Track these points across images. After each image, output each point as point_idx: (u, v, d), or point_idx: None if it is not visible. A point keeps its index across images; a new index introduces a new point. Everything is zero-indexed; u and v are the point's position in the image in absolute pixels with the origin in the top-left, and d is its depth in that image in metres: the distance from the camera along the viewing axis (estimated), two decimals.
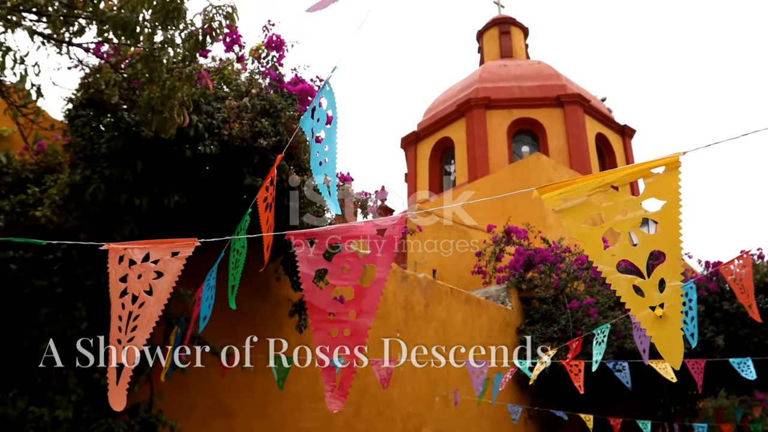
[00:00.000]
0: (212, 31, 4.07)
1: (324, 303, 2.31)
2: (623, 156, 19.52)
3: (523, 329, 11.27)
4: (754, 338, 10.56)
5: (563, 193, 2.05)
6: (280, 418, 6.93)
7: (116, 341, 2.48)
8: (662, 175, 1.99)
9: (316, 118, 2.78)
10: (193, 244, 2.52)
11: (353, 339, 2.24)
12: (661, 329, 1.88)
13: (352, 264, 2.34)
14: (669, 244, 1.95)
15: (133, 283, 2.48)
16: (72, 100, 4.93)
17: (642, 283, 1.97)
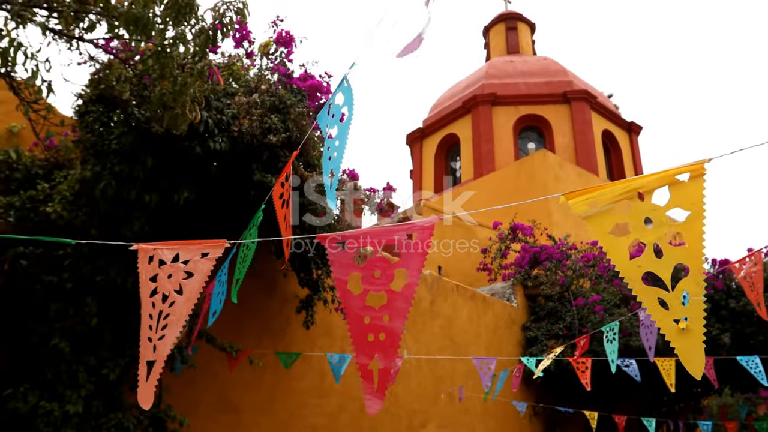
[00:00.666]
0: (223, 26, 4.06)
1: (359, 308, 2.33)
2: (630, 153, 19.47)
3: (529, 326, 11.27)
4: (760, 336, 10.53)
5: (589, 199, 2.06)
6: (286, 414, 6.95)
7: (147, 339, 2.54)
8: (687, 184, 2.00)
9: (331, 114, 2.79)
10: (222, 245, 2.55)
11: (388, 343, 2.28)
12: (684, 341, 1.93)
13: (383, 269, 2.36)
14: (692, 258, 1.98)
15: (164, 283, 2.53)
16: (82, 96, 4.93)
17: (666, 296, 2.00)
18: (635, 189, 2.07)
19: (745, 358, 7.00)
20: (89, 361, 4.98)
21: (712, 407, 14.63)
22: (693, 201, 1.98)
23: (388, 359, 2.26)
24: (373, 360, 2.27)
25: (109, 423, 4.95)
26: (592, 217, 2.06)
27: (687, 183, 2.01)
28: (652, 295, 2.02)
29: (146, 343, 2.50)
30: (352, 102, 2.68)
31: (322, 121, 2.83)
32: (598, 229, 2.07)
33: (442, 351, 9.27)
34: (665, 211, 2.05)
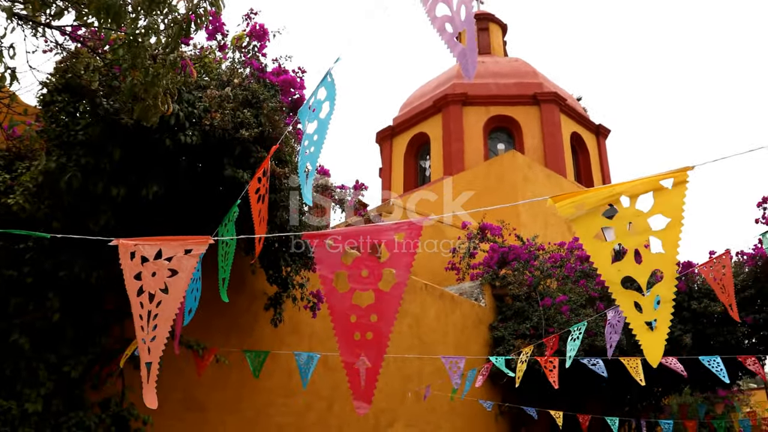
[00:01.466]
0: (197, 17, 3.97)
1: (345, 307, 2.30)
2: (597, 156, 19.76)
3: (496, 326, 11.35)
4: (720, 337, 10.79)
5: (575, 202, 2.11)
6: (253, 412, 6.86)
7: (141, 341, 2.50)
8: (670, 190, 2.11)
9: (312, 108, 2.74)
10: (206, 241, 2.49)
11: (375, 342, 2.25)
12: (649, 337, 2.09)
13: (371, 268, 2.33)
14: (667, 264, 2.12)
15: (148, 281, 2.48)
16: (47, 85, 4.77)
17: (641, 299, 2.13)
18: (620, 193, 2.14)
19: (707, 357, 7.15)
20: (50, 359, 4.83)
21: (672, 406, 14.94)
22: (674, 208, 2.09)
23: (376, 358, 2.23)
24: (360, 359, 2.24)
25: (69, 422, 4.81)
26: (578, 220, 2.12)
27: (670, 189, 2.10)
28: (629, 298, 2.14)
29: (142, 345, 2.48)
30: (334, 97, 2.63)
31: (303, 116, 2.77)
32: (584, 233, 2.14)
33: (410, 350, 9.27)
34: (647, 218, 2.15)
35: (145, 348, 2.44)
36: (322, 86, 2.67)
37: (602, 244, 2.16)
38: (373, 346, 2.25)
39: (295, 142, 5.96)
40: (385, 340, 2.25)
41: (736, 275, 11.06)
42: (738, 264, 11.40)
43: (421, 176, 19.63)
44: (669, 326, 5.58)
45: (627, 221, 2.15)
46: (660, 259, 2.11)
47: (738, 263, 11.41)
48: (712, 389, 13.48)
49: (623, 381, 9.76)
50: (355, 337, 2.26)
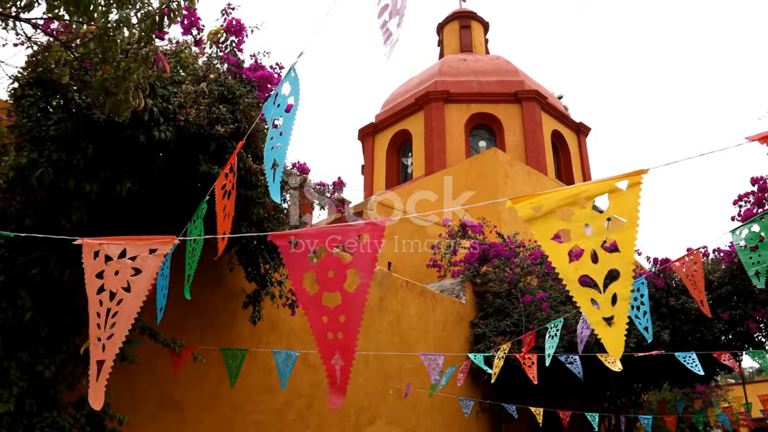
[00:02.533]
0: (170, 12, 3.91)
1: (316, 307, 2.30)
2: (578, 153, 19.88)
3: (477, 323, 11.38)
4: (697, 333, 10.92)
5: (534, 203, 2.14)
6: (230, 410, 6.81)
7: (96, 338, 2.46)
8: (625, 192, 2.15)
9: (276, 104, 2.72)
10: (171, 241, 2.46)
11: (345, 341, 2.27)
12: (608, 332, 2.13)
13: (336, 269, 2.34)
14: (624, 263, 2.15)
15: (111, 280, 2.45)
16: (18, 79, 4.69)
17: (598, 296, 2.18)
18: (578, 195, 2.17)
19: (682, 354, 7.22)
20: (22, 358, 4.75)
21: (651, 402, 15.10)
22: (629, 209, 2.13)
23: (347, 357, 2.26)
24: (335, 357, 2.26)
25: (43, 422, 4.73)
26: (536, 221, 2.16)
27: (625, 191, 2.17)
28: (586, 295, 2.19)
29: (95, 342, 2.43)
30: (299, 92, 2.62)
31: (268, 111, 2.75)
32: (542, 234, 2.21)
33: (391, 347, 9.26)
34: (604, 219, 2.20)
35: (100, 345, 2.40)
36: (287, 81, 2.65)
37: (559, 246, 2.20)
38: (344, 344, 2.27)
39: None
40: (354, 340, 2.28)
41: (713, 272, 11.20)
42: (715, 261, 11.54)
43: (403, 173, 19.63)
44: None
45: (583, 222, 2.19)
46: (616, 258, 2.15)
47: (715, 260, 11.55)
48: (691, 385, 13.66)
49: (602, 377, 9.85)
50: (329, 336, 2.29)
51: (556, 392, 11.02)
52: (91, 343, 2.44)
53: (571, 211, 2.20)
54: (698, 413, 13.08)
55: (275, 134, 2.71)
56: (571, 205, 2.20)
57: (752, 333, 10.97)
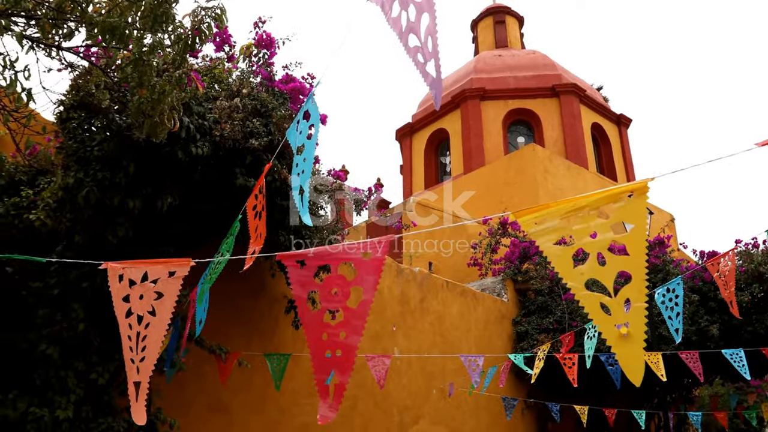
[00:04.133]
0: (201, 33, 4.08)
1: (318, 324, 2.39)
2: (619, 146, 19.55)
3: (519, 321, 11.34)
4: (749, 327, 10.61)
5: (537, 217, 2.12)
6: (277, 413, 6.99)
7: (130, 361, 2.61)
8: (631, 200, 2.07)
9: (299, 131, 2.83)
10: (188, 264, 2.60)
11: (344, 359, 2.34)
12: (624, 348, 1.98)
13: (340, 286, 2.42)
14: (635, 266, 2.04)
15: (136, 304, 2.61)
16: (63, 103, 4.94)
17: (609, 301, 2.05)
18: (582, 207, 2.13)
19: (729, 351, 7.07)
20: (78, 366, 4.99)
21: (703, 397, 14.74)
22: (636, 216, 2.06)
23: (343, 375, 2.33)
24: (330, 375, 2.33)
25: (99, 428, 4.97)
26: (540, 233, 2.12)
27: (631, 200, 2.08)
28: (595, 300, 2.07)
29: (130, 365, 2.59)
30: (318, 118, 2.72)
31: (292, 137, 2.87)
32: (544, 243, 2.12)
33: (433, 347, 9.33)
34: (609, 225, 2.12)
35: (134, 368, 2.55)
36: (306, 108, 2.76)
37: (562, 249, 2.14)
38: (342, 362, 2.34)
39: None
40: (352, 357, 2.34)
41: (764, 263, 10.86)
42: (766, 252, 11.20)
43: (441, 172, 19.63)
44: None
45: (589, 230, 2.12)
46: (626, 262, 2.06)
47: (766, 251, 11.21)
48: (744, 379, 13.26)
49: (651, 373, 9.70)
50: (327, 354, 2.36)
51: (602, 390, 10.88)
52: (126, 366, 2.59)
53: (575, 222, 2.15)
54: (751, 408, 12.72)
55: (299, 160, 2.83)
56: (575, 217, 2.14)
57: None
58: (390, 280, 8.89)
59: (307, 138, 2.75)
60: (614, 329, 2.02)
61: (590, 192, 2.17)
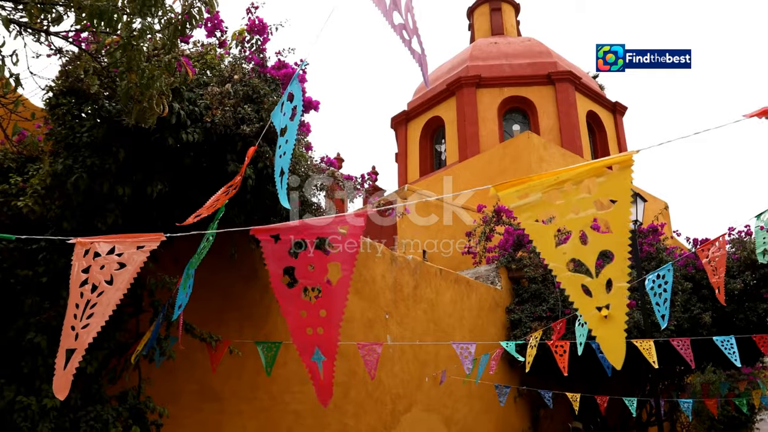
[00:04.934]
0: (191, 17, 4.01)
1: (295, 302, 2.33)
2: (614, 133, 19.52)
3: (513, 309, 11.36)
4: (740, 314, 10.67)
5: (519, 191, 2.06)
6: (269, 401, 6.99)
7: (70, 328, 2.52)
8: (615, 174, 1.99)
9: (283, 112, 2.80)
10: (158, 238, 2.54)
11: (327, 337, 2.27)
12: (605, 329, 1.92)
13: (317, 262, 2.37)
14: (618, 245, 1.96)
15: (95, 274, 2.51)
16: (52, 89, 4.87)
17: (590, 282, 1.98)
18: (564, 180, 2.06)
19: (720, 338, 7.10)
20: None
21: (695, 384, 14.84)
22: (620, 191, 1.97)
23: (329, 352, 2.27)
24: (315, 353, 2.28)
25: (87, 416, 4.94)
26: (522, 208, 2.06)
27: (615, 173, 2.00)
28: (576, 281, 2.00)
29: (69, 331, 2.48)
30: (301, 100, 2.69)
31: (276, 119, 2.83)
32: (526, 219, 2.06)
33: (426, 335, 9.33)
34: (592, 200, 2.04)
35: (73, 334, 2.44)
36: (291, 90, 2.72)
37: (544, 227, 2.07)
38: (325, 339, 2.28)
39: (300, 134, 6.01)
40: (336, 334, 2.28)
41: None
42: None
43: (437, 160, 19.59)
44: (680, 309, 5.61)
45: (572, 206, 2.05)
46: (609, 240, 1.98)
47: None
48: (736, 367, 13.35)
49: (642, 360, 9.75)
50: (308, 332, 2.30)
51: (597, 375, 10.92)
52: (63, 332, 2.49)
53: (557, 196, 2.07)
54: (742, 396, 12.81)
55: (282, 142, 2.79)
56: (558, 190, 2.06)
57: None
58: (383, 268, 8.87)
59: (290, 119, 2.72)
60: (595, 311, 1.94)
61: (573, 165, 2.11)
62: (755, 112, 2.02)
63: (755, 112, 2.02)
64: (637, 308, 9.55)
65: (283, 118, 2.78)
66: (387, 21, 1.88)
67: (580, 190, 2.07)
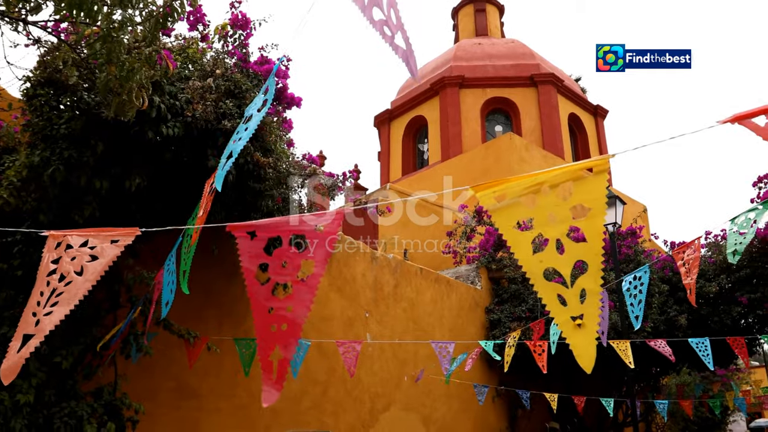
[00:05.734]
0: (173, 10, 3.97)
1: (265, 298, 2.32)
2: (595, 136, 19.68)
3: (492, 309, 11.40)
4: (715, 317, 10.81)
5: (497, 192, 2.06)
6: (247, 398, 6.94)
7: (31, 314, 2.47)
8: (590, 179, 2.01)
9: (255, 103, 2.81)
10: (133, 233, 2.50)
11: (289, 333, 2.27)
12: (577, 337, 1.96)
13: (291, 259, 2.36)
14: (592, 254, 2.00)
15: (65, 265, 2.46)
16: (30, 79, 4.79)
17: (565, 292, 2.01)
18: (541, 183, 2.07)
19: (695, 340, 7.18)
20: (40, 350, 4.87)
21: (670, 386, 15.02)
22: (595, 196, 1.99)
23: (288, 349, 2.26)
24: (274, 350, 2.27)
25: (61, 412, 4.88)
26: (499, 210, 2.07)
27: (590, 178, 2.02)
28: (552, 291, 2.03)
29: (29, 318, 2.42)
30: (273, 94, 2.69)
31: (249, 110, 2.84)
32: (504, 223, 2.08)
33: (406, 334, 9.33)
34: (568, 207, 2.05)
35: (33, 320, 2.38)
36: (268, 84, 2.72)
37: (522, 234, 2.08)
38: (286, 337, 2.27)
39: (281, 130, 5.98)
40: (298, 331, 2.28)
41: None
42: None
43: (419, 159, 19.61)
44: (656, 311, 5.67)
45: (548, 211, 2.06)
46: (583, 249, 2.00)
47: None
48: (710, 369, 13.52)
49: (619, 361, 9.84)
50: (272, 329, 2.29)
51: (575, 376, 11.00)
52: (23, 317, 2.42)
53: (535, 200, 2.08)
54: (716, 397, 13.00)
55: (242, 129, 2.79)
56: (534, 193, 2.08)
57: None
58: (364, 266, 8.86)
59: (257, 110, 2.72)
60: (569, 320, 1.99)
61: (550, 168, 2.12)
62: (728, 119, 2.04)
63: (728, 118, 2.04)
64: (614, 310, 9.63)
65: (252, 107, 2.78)
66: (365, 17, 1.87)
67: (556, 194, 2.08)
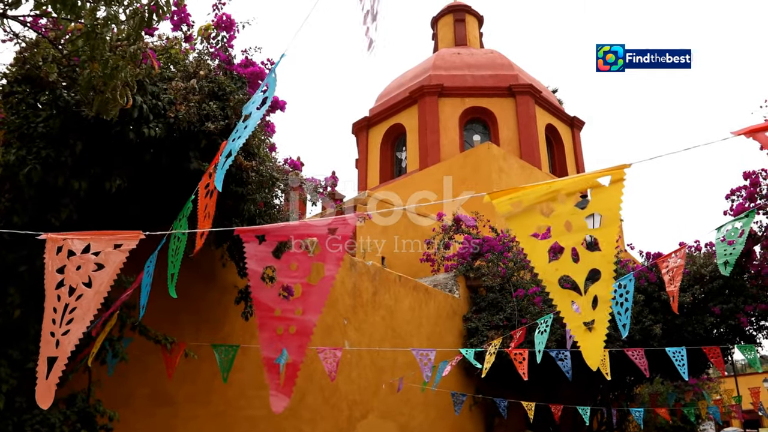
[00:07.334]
0: (158, 8, 3.89)
1: (271, 300, 2.26)
2: (572, 147, 19.90)
3: (470, 317, 11.41)
4: (689, 327, 10.96)
5: (513, 199, 2.07)
6: (224, 405, 6.82)
7: (49, 334, 2.36)
8: (607, 188, 2.06)
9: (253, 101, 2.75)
10: (137, 236, 2.42)
11: (298, 337, 2.21)
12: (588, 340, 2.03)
13: (300, 262, 2.30)
14: (605, 263, 2.06)
15: (71, 275, 2.36)
16: (6, 76, 4.66)
17: (579, 299, 2.07)
18: (557, 191, 2.09)
19: (672, 349, 7.25)
20: (12, 355, 4.74)
21: (643, 395, 15.18)
22: (611, 206, 2.04)
23: (297, 353, 2.20)
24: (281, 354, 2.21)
25: (33, 419, 4.72)
26: (515, 217, 2.09)
27: (607, 187, 2.07)
28: (567, 298, 2.09)
29: (48, 338, 2.32)
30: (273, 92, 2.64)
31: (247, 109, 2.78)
32: (520, 231, 2.11)
33: (384, 341, 9.28)
34: (584, 216, 2.10)
35: (53, 341, 2.28)
36: (267, 82, 2.67)
37: (539, 242, 2.11)
38: (295, 339, 2.21)
39: (264, 134, 5.91)
40: (309, 334, 2.22)
41: (705, 266, 11.21)
42: (707, 255, 11.55)
43: (397, 167, 19.62)
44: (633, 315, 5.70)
45: (564, 219, 2.09)
46: (598, 258, 2.06)
47: (707, 254, 11.57)
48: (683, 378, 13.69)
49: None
50: (278, 331, 2.23)
51: (552, 385, 11.05)
52: (42, 339, 2.34)
53: (551, 207, 2.12)
54: (689, 405, 13.17)
55: (240, 127, 2.74)
56: (551, 200, 2.11)
57: (743, 327, 11.02)
58: (343, 273, 8.79)
59: (256, 108, 2.67)
60: (581, 325, 2.04)
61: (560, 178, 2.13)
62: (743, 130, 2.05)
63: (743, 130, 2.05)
64: None
65: (251, 106, 2.73)
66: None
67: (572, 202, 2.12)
